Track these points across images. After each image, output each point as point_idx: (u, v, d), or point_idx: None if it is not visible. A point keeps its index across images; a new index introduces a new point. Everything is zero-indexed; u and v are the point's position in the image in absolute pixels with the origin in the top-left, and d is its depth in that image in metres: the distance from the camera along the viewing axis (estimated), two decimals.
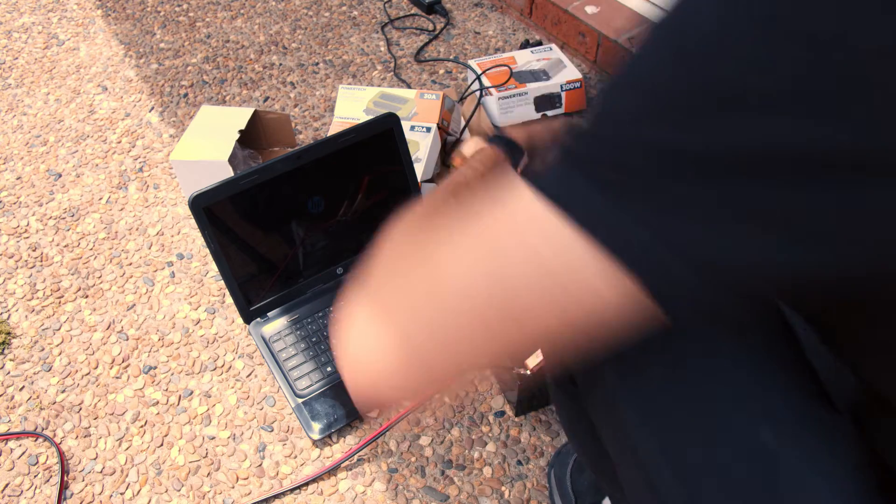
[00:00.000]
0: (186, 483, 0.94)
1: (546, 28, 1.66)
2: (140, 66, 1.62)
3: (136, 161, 1.39)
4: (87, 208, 1.30)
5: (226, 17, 1.77)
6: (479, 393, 1.02)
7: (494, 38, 1.68)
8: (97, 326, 1.12)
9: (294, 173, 1.03)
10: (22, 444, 0.98)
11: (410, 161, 1.12)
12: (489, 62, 1.48)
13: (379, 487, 0.93)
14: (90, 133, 1.46)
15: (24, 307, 1.15)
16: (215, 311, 1.13)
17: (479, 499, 0.92)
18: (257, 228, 1.04)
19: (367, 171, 1.09)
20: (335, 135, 1.05)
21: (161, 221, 1.28)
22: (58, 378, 1.05)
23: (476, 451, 0.96)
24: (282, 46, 1.67)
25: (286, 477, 0.94)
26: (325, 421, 0.97)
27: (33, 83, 1.59)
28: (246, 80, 1.57)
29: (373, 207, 1.12)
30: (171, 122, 1.48)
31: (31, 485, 0.94)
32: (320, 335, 1.06)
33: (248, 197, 1.01)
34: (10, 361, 1.07)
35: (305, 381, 1.01)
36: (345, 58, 1.63)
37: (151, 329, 1.11)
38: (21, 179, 1.37)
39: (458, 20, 1.74)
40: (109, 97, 1.54)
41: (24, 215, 1.30)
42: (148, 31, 1.73)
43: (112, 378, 1.05)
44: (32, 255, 1.23)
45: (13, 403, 1.02)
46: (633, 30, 1.50)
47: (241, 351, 1.08)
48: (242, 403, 1.02)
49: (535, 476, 0.94)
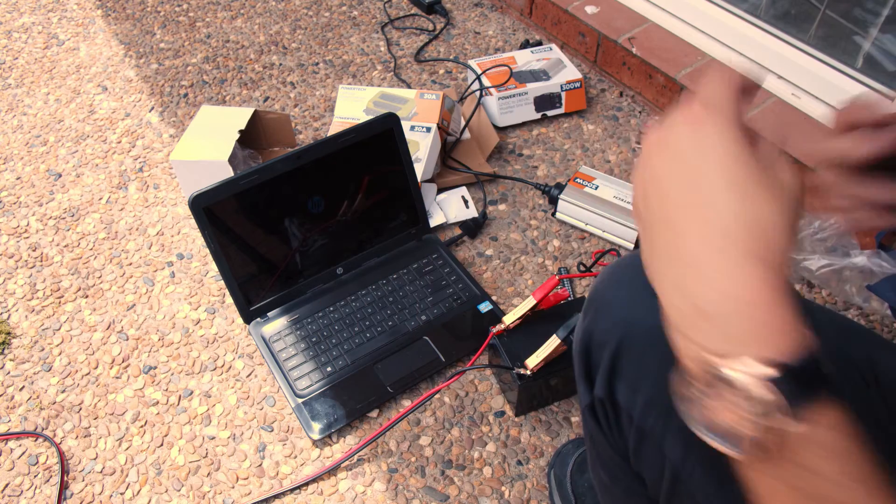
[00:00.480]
0: (186, 483, 0.94)
1: (546, 28, 1.66)
2: (140, 66, 1.62)
3: (136, 161, 1.39)
4: (87, 208, 1.30)
5: (226, 17, 1.77)
6: (479, 393, 1.02)
7: (494, 38, 1.68)
8: (97, 326, 1.12)
9: (294, 173, 1.03)
10: (22, 444, 0.98)
11: (410, 161, 1.12)
12: (489, 62, 1.48)
13: (379, 487, 0.93)
14: (90, 133, 1.46)
15: (24, 307, 1.15)
16: (215, 311, 1.13)
17: (479, 499, 0.92)
18: (257, 228, 1.04)
19: (367, 171, 1.09)
20: (335, 135, 1.05)
21: (161, 221, 1.28)
22: (58, 378, 1.05)
23: (476, 451, 0.96)
24: (282, 46, 1.67)
25: (286, 477, 0.94)
26: (325, 421, 0.97)
27: (33, 83, 1.59)
28: (246, 80, 1.57)
29: (373, 207, 1.12)
30: (171, 122, 1.48)
31: (31, 485, 0.94)
32: (320, 335, 1.06)
33: (248, 197, 1.01)
34: (10, 361, 1.07)
35: (305, 381, 1.01)
36: (345, 58, 1.63)
37: (151, 329, 1.11)
38: (21, 179, 1.36)
39: (458, 20, 1.74)
40: (109, 97, 1.54)
41: (24, 215, 1.30)
42: (148, 31, 1.73)
43: (112, 378, 1.05)
44: (32, 255, 1.23)
45: (13, 403, 1.02)
46: (633, 30, 1.50)
47: (241, 351, 1.08)
48: (242, 403, 1.02)
49: (535, 476, 0.94)
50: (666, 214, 0.39)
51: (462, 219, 1.25)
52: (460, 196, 1.28)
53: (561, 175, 1.34)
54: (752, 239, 0.36)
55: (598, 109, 1.49)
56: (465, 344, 1.05)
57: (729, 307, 0.35)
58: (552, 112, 1.45)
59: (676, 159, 0.39)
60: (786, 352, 0.34)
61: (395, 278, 1.12)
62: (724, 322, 0.36)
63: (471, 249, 1.22)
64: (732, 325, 0.35)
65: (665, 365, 0.48)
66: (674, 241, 0.38)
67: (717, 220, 0.37)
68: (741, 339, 0.35)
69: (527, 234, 1.24)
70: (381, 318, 1.07)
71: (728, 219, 0.37)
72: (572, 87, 1.43)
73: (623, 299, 0.51)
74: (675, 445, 0.48)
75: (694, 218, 0.38)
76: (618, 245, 1.22)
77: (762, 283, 0.35)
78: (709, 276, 0.36)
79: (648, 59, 1.43)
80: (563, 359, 0.92)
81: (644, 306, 0.50)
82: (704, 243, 0.37)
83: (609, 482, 0.63)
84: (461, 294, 1.10)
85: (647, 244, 0.41)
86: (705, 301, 0.36)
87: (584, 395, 0.58)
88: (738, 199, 0.37)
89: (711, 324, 0.36)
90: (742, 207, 0.37)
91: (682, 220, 0.38)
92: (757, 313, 0.35)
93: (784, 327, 0.35)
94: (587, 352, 0.55)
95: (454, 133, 1.35)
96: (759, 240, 0.36)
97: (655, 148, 0.41)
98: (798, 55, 1.29)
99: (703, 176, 0.38)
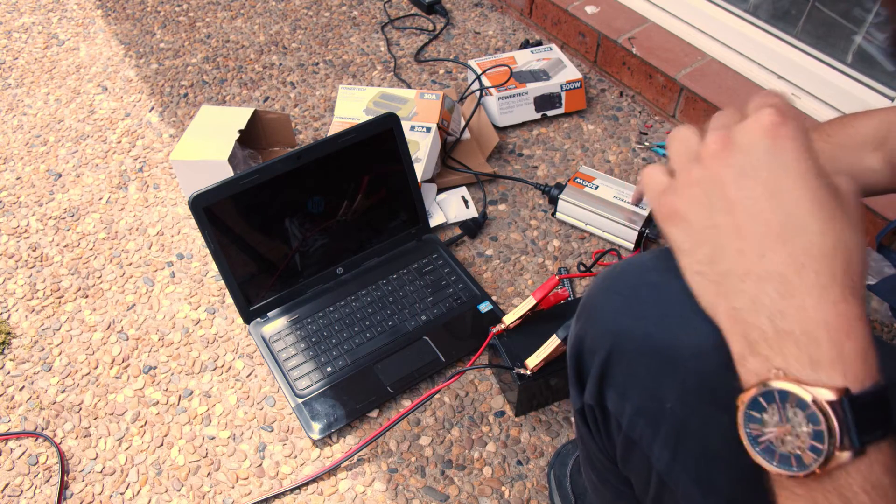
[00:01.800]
0: (186, 483, 0.94)
1: (546, 28, 1.66)
2: (140, 66, 1.62)
3: (136, 161, 1.39)
4: (87, 208, 1.30)
5: (226, 17, 1.77)
6: (479, 393, 1.02)
7: (494, 38, 1.68)
8: (97, 326, 1.12)
9: (294, 173, 1.03)
10: (22, 444, 0.98)
11: (410, 161, 1.12)
12: (489, 62, 1.48)
13: (379, 487, 0.93)
14: (90, 133, 1.46)
15: (24, 307, 1.15)
16: (215, 311, 1.13)
17: (479, 499, 0.92)
18: (257, 228, 1.04)
19: (366, 171, 1.09)
20: (335, 135, 1.05)
21: (161, 221, 1.28)
22: (58, 378, 1.05)
23: (476, 451, 0.96)
24: (282, 46, 1.67)
25: (286, 477, 0.94)
26: (325, 421, 0.97)
27: (33, 83, 1.59)
28: (246, 80, 1.57)
29: (373, 207, 1.12)
30: (171, 122, 1.48)
31: (31, 485, 0.94)
32: (320, 335, 1.06)
33: (248, 197, 1.01)
34: (10, 361, 1.07)
35: (305, 381, 1.01)
36: (345, 58, 1.63)
37: (151, 329, 1.11)
38: (21, 179, 1.37)
39: (458, 20, 1.74)
40: (109, 97, 1.54)
41: (24, 215, 1.30)
42: (148, 31, 1.73)
43: (112, 378, 1.05)
44: (32, 255, 1.23)
45: (13, 403, 1.02)
46: (633, 30, 1.50)
47: (241, 351, 1.08)
48: (242, 403, 1.02)
49: (535, 476, 0.94)
50: (738, 228, 0.38)
51: (462, 219, 1.25)
52: (460, 196, 1.28)
53: (561, 175, 1.34)
54: (838, 263, 0.36)
55: (598, 109, 1.49)
56: (465, 344, 1.05)
57: (819, 333, 0.35)
58: (552, 112, 1.45)
59: (751, 169, 0.38)
60: (862, 382, 0.34)
61: (395, 278, 1.12)
62: (812, 347, 0.35)
63: (471, 249, 1.22)
64: (820, 351, 0.35)
65: (654, 374, 0.48)
66: (751, 256, 0.37)
67: (804, 241, 0.36)
68: (825, 364, 0.35)
69: (527, 234, 1.24)
70: (381, 318, 1.07)
71: (815, 240, 0.36)
72: (572, 87, 1.43)
73: (615, 307, 0.51)
74: (661, 454, 0.48)
75: (778, 236, 0.37)
76: (618, 245, 1.22)
77: (849, 309, 0.35)
78: (798, 298, 0.36)
79: (648, 59, 1.43)
80: (562, 359, 0.91)
81: (636, 315, 0.49)
82: (791, 263, 0.36)
83: (599, 484, 0.63)
84: (461, 294, 1.10)
85: (702, 255, 0.39)
86: (793, 323, 0.35)
87: (576, 400, 0.58)
88: (825, 221, 0.36)
89: (798, 347, 0.35)
90: (830, 229, 0.36)
91: (761, 236, 0.37)
92: (844, 341, 0.35)
93: (864, 358, 0.35)
94: (579, 357, 0.55)
95: (454, 133, 1.35)
96: (844, 264, 0.36)
97: (722, 154, 0.39)
98: (799, 55, 1.29)
99: (786, 192, 0.37)
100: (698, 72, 1.39)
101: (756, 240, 0.37)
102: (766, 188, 0.37)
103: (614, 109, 1.49)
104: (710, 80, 1.37)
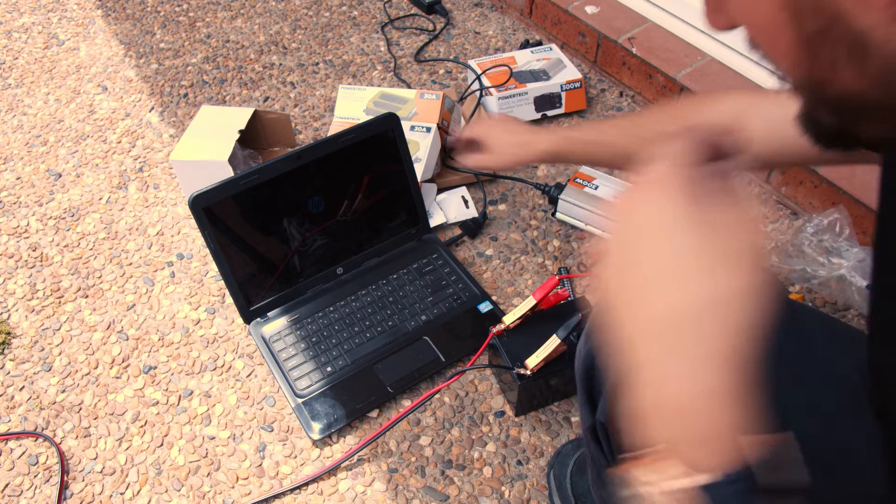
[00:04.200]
0: (186, 483, 0.94)
1: (546, 28, 1.66)
2: (140, 66, 1.62)
3: (136, 161, 1.39)
4: (87, 208, 1.30)
5: (226, 17, 1.77)
6: (479, 393, 1.02)
7: (494, 38, 1.68)
8: (97, 326, 1.12)
9: (294, 173, 1.03)
10: (22, 444, 0.98)
11: (410, 161, 1.12)
12: (489, 62, 1.48)
13: (379, 487, 0.93)
14: (90, 133, 1.46)
15: (24, 307, 1.15)
16: (215, 311, 1.13)
17: (479, 499, 0.92)
18: (257, 228, 1.04)
19: (367, 171, 1.09)
20: (335, 135, 1.05)
21: (161, 221, 1.28)
22: (58, 378, 1.05)
23: (476, 451, 0.96)
24: (282, 46, 1.67)
25: (286, 477, 0.94)
26: (325, 421, 0.97)
27: (33, 83, 1.59)
28: (246, 80, 1.57)
29: (373, 207, 1.12)
30: (171, 122, 1.48)
31: (31, 485, 0.94)
32: (320, 335, 1.06)
33: (248, 197, 1.01)
34: (10, 361, 1.07)
35: (305, 381, 1.01)
36: (345, 58, 1.63)
37: (151, 329, 1.11)
38: (21, 179, 1.37)
39: (458, 20, 1.74)
40: (109, 97, 1.54)
41: (24, 215, 1.30)
42: (148, 31, 1.73)
43: (112, 378, 1.05)
44: (32, 255, 1.23)
45: (13, 403, 1.02)
46: (633, 30, 1.50)
47: (241, 351, 1.08)
48: (242, 403, 1.02)
49: (535, 476, 0.94)
50: (635, 286, 0.37)
51: (462, 219, 1.25)
52: (460, 196, 1.28)
53: (561, 175, 1.34)
54: (720, 322, 0.35)
55: (598, 109, 1.49)
56: (465, 344, 1.05)
57: (696, 405, 0.34)
58: (552, 112, 1.45)
59: (634, 228, 0.38)
60: (720, 464, 0.33)
61: (395, 278, 1.12)
62: (688, 421, 0.34)
63: (471, 249, 1.22)
64: (693, 426, 0.34)
65: None
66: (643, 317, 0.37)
67: (683, 303, 0.35)
68: (694, 441, 0.34)
69: (527, 234, 1.24)
70: (381, 318, 1.07)
71: (694, 300, 0.35)
72: (572, 87, 1.43)
73: None
74: None
75: (660, 295, 0.36)
76: None
77: (724, 382, 0.34)
78: (679, 370, 0.35)
79: (648, 59, 1.43)
80: (562, 359, 0.92)
81: None
82: (673, 332, 0.35)
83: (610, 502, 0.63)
84: (461, 294, 1.10)
85: (616, 310, 0.39)
86: (669, 396, 0.35)
87: (587, 417, 0.57)
88: (707, 279, 0.35)
89: (681, 420, 0.35)
90: (709, 287, 0.35)
91: (646, 300, 0.36)
92: (708, 418, 0.34)
93: (727, 436, 0.34)
94: (589, 375, 0.55)
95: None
96: (728, 322, 0.35)
97: (619, 214, 0.39)
98: None
99: (661, 252, 0.36)
100: (698, 72, 1.39)
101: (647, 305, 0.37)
102: (649, 249, 0.37)
103: (614, 109, 1.49)
104: (710, 80, 1.37)
